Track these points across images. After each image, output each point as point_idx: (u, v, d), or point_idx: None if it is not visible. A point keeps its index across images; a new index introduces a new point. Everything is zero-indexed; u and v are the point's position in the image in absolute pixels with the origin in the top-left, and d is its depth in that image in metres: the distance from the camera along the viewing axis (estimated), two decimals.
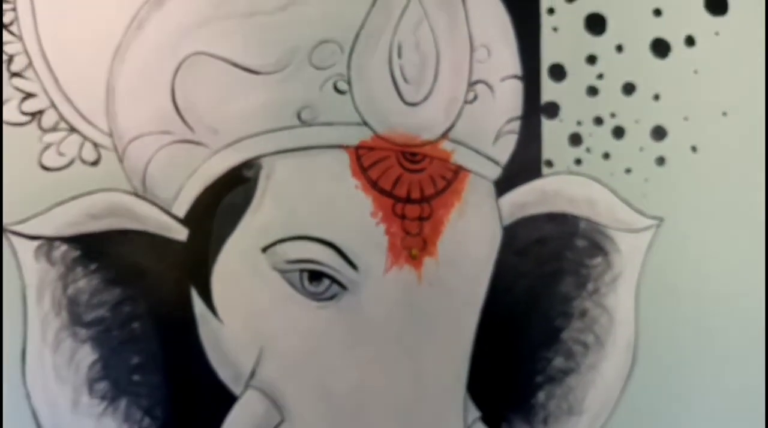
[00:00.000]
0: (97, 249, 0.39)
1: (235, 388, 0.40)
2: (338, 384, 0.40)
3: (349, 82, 0.39)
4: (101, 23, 0.39)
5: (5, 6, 0.39)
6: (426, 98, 0.40)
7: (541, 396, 0.41)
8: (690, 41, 0.42)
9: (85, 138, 0.39)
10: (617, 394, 0.41)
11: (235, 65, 0.39)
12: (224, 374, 0.40)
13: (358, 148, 0.39)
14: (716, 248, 0.42)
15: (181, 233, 0.40)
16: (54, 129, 0.39)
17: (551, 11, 0.42)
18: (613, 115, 0.42)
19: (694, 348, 0.43)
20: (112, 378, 0.39)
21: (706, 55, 0.42)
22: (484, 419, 0.41)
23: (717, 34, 0.43)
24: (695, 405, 0.42)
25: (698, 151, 0.42)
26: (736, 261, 0.42)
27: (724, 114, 0.42)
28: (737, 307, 0.43)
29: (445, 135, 0.40)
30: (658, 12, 0.42)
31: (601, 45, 0.42)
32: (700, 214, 0.42)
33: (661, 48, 0.42)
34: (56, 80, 0.39)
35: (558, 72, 0.42)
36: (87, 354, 0.39)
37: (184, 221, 0.40)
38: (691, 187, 0.42)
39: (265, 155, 0.39)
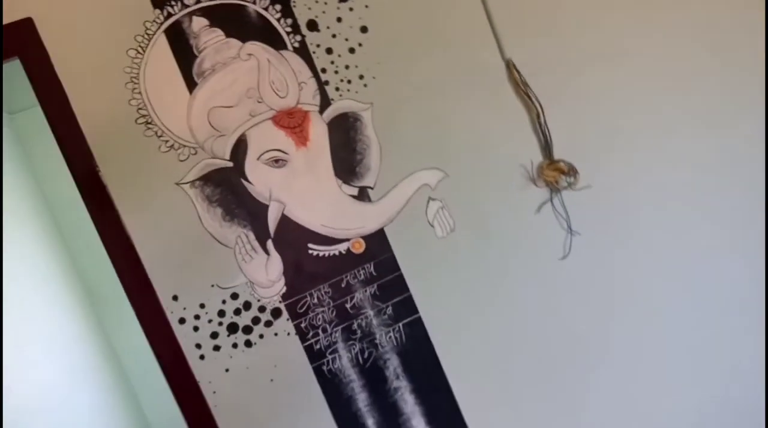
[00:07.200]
0: (207, 178, 1.22)
1: (264, 201, 1.24)
2: (296, 185, 1.25)
3: None
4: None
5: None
6: (297, 105, 1.24)
7: (358, 168, 1.27)
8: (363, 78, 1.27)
9: (193, 150, 1.21)
10: (379, 161, 1.28)
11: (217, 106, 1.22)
12: (256, 198, 1.24)
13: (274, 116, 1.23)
14: (393, 118, 1.28)
15: (229, 164, 1.23)
16: (181, 148, 1.21)
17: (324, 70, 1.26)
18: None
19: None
20: (225, 209, 1.22)
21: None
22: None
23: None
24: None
25: (368, 85, 1.28)
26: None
27: (361, 77, 1.28)
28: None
29: (299, 104, 1.25)
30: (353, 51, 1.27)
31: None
32: (386, 101, 1.28)
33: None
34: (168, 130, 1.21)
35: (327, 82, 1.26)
36: (218, 208, 1.21)
37: (230, 160, 1.23)
38: (373, 93, 1.28)
39: (245, 131, 1.23)
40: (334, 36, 1.25)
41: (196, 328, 1.21)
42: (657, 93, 1.32)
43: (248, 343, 1.21)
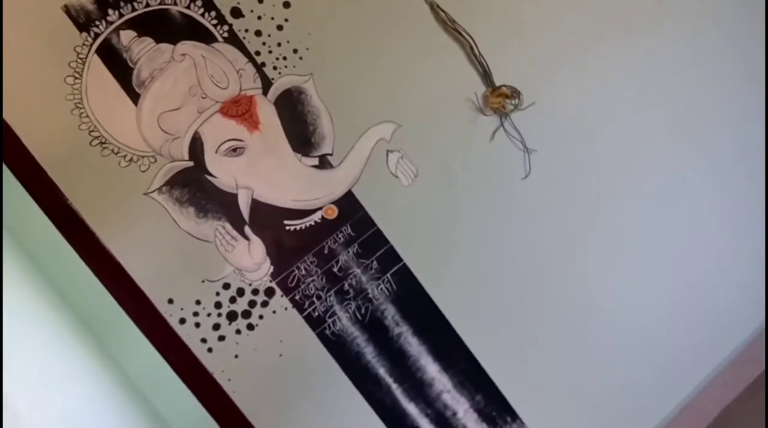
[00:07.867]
0: (172, 182, 1.25)
1: (232, 191, 1.28)
2: (258, 169, 1.29)
3: None
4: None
5: None
6: (240, 92, 1.27)
7: (313, 138, 1.31)
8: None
9: (152, 159, 1.25)
10: (332, 127, 1.32)
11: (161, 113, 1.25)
12: (224, 189, 1.28)
13: (221, 108, 1.27)
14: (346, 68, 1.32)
15: (190, 163, 1.26)
16: (140, 159, 1.24)
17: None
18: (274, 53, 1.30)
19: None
20: (197, 206, 1.27)
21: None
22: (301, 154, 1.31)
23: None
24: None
25: (303, 57, 1.31)
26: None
27: (295, 51, 1.31)
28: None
29: (242, 91, 1.28)
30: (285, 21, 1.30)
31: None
32: (324, 69, 1.31)
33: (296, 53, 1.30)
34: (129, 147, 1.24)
35: (264, 64, 1.29)
36: (190, 208, 1.25)
37: (190, 160, 1.26)
38: (310, 64, 1.31)
39: (197, 128, 1.26)
40: (259, 18, 1.28)
41: (197, 324, 1.25)
42: None
43: (250, 326, 1.26)
